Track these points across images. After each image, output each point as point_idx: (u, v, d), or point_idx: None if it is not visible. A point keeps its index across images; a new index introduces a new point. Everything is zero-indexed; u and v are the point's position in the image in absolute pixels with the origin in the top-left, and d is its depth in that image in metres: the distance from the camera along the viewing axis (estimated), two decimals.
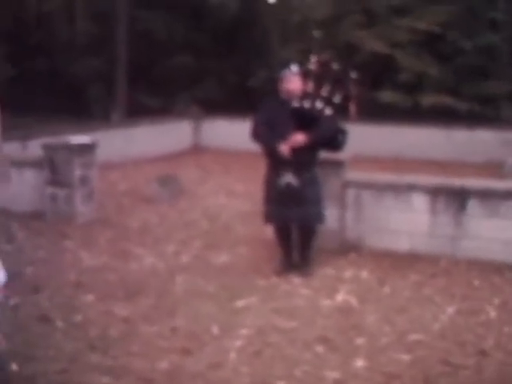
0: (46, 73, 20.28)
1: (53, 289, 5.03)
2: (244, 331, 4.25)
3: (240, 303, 4.75)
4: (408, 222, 5.98)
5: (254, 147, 5.53)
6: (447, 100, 14.41)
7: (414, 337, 4.18)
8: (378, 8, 15.59)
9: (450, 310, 4.65)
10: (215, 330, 4.27)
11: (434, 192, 5.90)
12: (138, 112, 15.70)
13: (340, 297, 4.92)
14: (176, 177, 9.23)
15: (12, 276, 5.11)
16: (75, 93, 20.29)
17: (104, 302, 4.77)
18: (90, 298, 4.85)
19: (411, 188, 5.97)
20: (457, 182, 6.10)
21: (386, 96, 13.97)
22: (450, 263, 5.69)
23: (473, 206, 5.76)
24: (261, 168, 5.57)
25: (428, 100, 14.47)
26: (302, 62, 5.43)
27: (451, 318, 4.50)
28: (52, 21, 21.81)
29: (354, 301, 4.84)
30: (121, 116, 17.04)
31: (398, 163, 11.74)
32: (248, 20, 19.69)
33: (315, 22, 16.14)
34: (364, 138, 12.00)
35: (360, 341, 4.12)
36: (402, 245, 6.00)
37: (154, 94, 17.93)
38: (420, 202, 5.93)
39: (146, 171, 10.87)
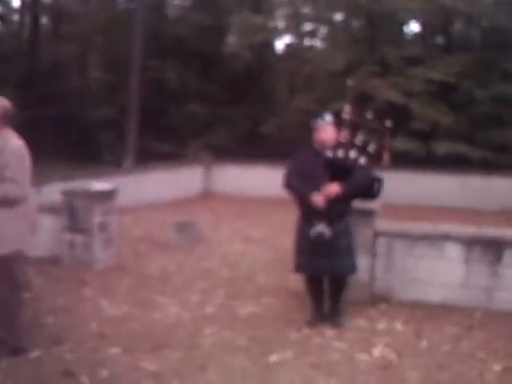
0: (57, 120, 20.40)
1: (75, 340, 4.79)
2: None
3: (274, 357, 4.50)
4: (441, 273, 5.78)
5: (265, 193, 5.39)
6: (461, 148, 14.41)
7: None
8: (391, 59, 15.73)
9: (497, 367, 4.39)
10: None
11: (469, 242, 5.71)
12: (148, 158, 15.67)
13: (377, 351, 4.68)
14: (193, 223, 9.04)
15: (33, 326, 4.95)
16: (86, 139, 20.37)
17: (130, 354, 4.52)
18: (115, 350, 4.60)
19: (445, 238, 5.78)
20: (492, 232, 5.91)
21: (401, 144, 13.90)
22: (487, 315, 5.45)
23: (509, 256, 5.57)
24: (273, 214, 5.43)
25: (442, 148, 14.47)
26: (318, 111, 5.32)
27: (499, 377, 4.25)
28: (65, 70, 22.11)
29: (392, 356, 4.60)
30: (132, 162, 17.02)
31: (414, 210, 11.57)
32: (258, 70, 19.94)
33: (328, 73, 16.26)
34: None
35: None
36: (434, 296, 5.78)
37: (165, 140, 17.98)
38: (454, 252, 5.74)
39: (158, 217, 10.72)
